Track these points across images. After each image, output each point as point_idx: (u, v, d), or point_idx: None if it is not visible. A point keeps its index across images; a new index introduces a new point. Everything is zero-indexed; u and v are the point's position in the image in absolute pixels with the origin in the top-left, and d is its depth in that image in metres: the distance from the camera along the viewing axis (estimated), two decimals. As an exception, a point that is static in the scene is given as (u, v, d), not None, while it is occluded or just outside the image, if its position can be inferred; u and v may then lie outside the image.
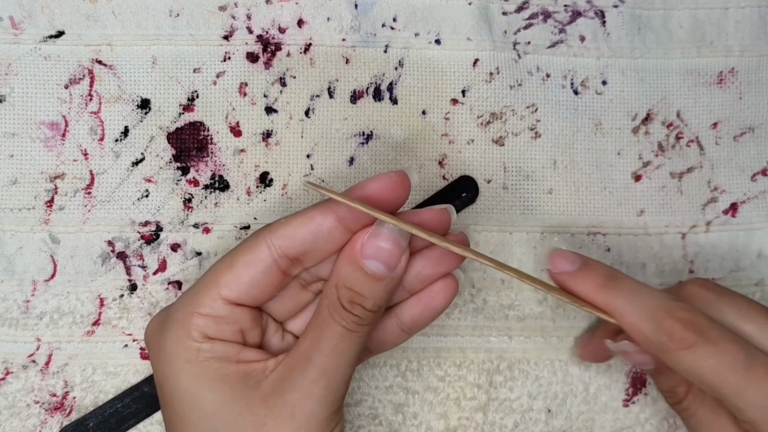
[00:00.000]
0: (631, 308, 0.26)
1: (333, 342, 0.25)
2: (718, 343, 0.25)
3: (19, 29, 0.33)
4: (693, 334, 0.25)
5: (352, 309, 0.25)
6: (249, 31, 0.33)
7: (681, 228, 0.34)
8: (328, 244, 0.26)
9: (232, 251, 0.26)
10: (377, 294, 0.25)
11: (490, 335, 0.33)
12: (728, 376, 0.24)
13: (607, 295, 0.27)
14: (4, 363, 0.32)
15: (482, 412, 0.33)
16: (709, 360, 0.25)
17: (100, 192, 0.33)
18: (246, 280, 0.25)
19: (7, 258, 0.32)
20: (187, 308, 0.25)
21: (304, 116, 0.33)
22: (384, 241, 0.25)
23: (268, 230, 0.25)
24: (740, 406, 0.25)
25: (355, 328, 0.25)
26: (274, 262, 0.25)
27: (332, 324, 0.25)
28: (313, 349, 0.25)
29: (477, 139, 0.34)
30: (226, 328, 0.25)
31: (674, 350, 0.25)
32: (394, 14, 0.34)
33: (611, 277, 0.27)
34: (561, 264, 0.28)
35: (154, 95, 0.33)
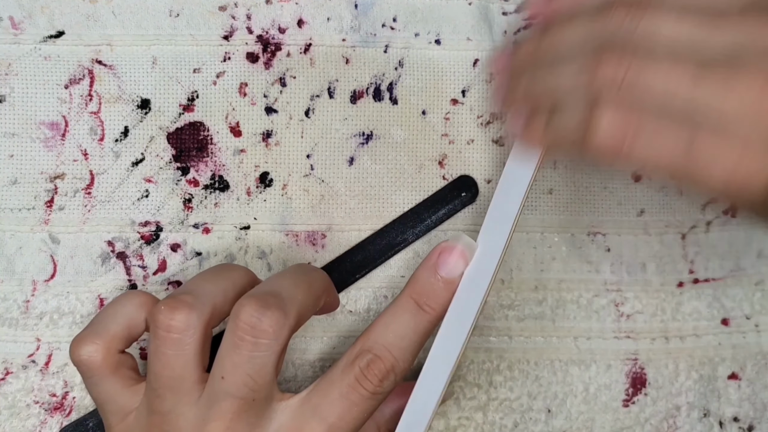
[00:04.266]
0: (560, 142, 0.25)
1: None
2: (654, 131, 0.22)
3: (19, 29, 0.33)
4: (626, 131, 0.23)
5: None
6: (249, 31, 0.33)
7: (681, 228, 0.34)
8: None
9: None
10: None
11: (490, 335, 0.33)
12: (672, 164, 0.23)
13: (546, 141, 0.26)
14: (4, 363, 0.32)
15: (482, 412, 0.33)
16: (650, 154, 0.22)
17: (100, 192, 0.33)
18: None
19: (7, 258, 0.32)
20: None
21: (304, 116, 0.33)
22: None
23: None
24: (693, 189, 0.23)
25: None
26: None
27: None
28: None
29: (477, 139, 0.34)
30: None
31: (609, 158, 0.23)
32: (394, 14, 0.34)
33: (546, 126, 0.26)
34: (513, 122, 0.28)
35: (154, 95, 0.33)
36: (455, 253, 0.27)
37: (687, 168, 0.23)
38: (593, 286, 0.33)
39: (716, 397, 0.33)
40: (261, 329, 0.25)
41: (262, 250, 0.33)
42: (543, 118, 0.26)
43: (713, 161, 0.22)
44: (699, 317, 0.33)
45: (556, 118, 0.25)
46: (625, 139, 0.23)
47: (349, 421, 0.25)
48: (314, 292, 0.27)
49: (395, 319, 0.26)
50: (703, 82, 0.22)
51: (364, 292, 0.33)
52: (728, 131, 0.22)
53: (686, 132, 0.22)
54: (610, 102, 0.23)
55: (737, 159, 0.22)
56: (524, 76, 0.27)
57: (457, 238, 0.27)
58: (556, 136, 0.26)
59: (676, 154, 0.22)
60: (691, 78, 0.22)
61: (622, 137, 0.23)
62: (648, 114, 0.23)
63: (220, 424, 0.25)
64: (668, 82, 0.23)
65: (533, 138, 0.27)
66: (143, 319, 0.27)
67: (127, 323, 0.27)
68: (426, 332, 0.27)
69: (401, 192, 0.33)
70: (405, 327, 0.26)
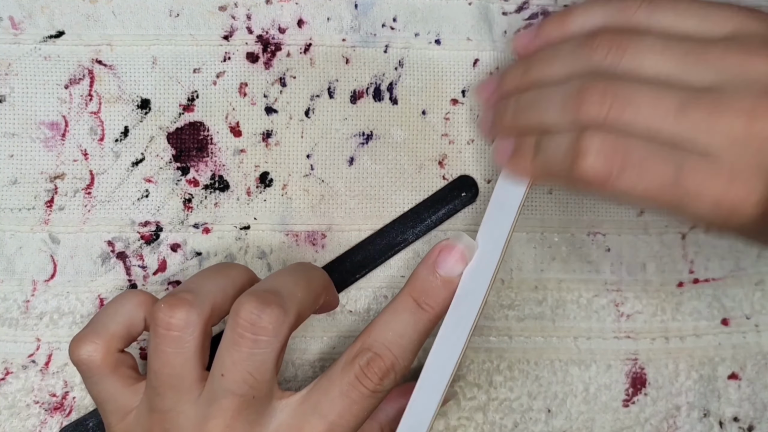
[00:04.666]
0: (551, 174, 0.26)
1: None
2: (641, 164, 0.23)
3: (19, 29, 0.33)
4: (613, 164, 0.23)
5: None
6: (249, 31, 0.33)
7: (681, 228, 0.34)
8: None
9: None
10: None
11: (490, 335, 0.33)
12: (662, 195, 0.23)
13: (540, 176, 0.27)
14: (4, 363, 0.32)
15: (482, 412, 0.33)
16: (638, 186, 0.23)
17: (100, 192, 0.33)
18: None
19: (7, 258, 0.32)
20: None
21: (304, 116, 0.33)
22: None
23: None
24: (682, 216, 0.24)
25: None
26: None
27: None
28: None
29: (477, 139, 0.34)
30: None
31: (597, 186, 0.24)
32: (394, 14, 0.34)
33: (536, 157, 0.26)
34: (499, 153, 0.28)
35: (154, 95, 0.33)
36: (455, 252, 0.27)
37: (675, 196, 0.23)
38: (593, 286, 0.33)
39: (716, 397, 0.33)
40: (261, 326, 0.25)
41: (262, 250, 0.33)
42: (530, 149, 0.26)
43: (701, 190, 0.23)
44: (699, 317, 0.33)
45: (543, 149, 0.26)
46: (613, 169, 0.23)
47: (350, 419, 0.25)
48: (314, 290, 0.27)
49: (395, 317, 0.26)
50: (688, 116, 0.23)
51: (364, 292, 0.33)
52: (715, 160, 0.23)
53: (673, 162, 0.23)
54: (596, 134, 0.24)
55: (725, 186, 0.23)
56: (509, 106, 0.28)
57: (458, 238, 0.27)
58: (543, 167, 0.26)
59: (664, 183, 0.23)
60: (674, 113, 0.23)
61: (609, 167, 0.23)
62: (634, 146, 0.23)
63: (220, 421, 0.25)
64: (652, 118, 0.23)
65: (520, 168, 0.27)
66: (142, 318, 0.27)
67: (126, 322, 0.27)
68: (425, 331, 0.27)
69: (401, 192, 0.33)
70: (405, 325, 0.26)
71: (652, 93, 0.24)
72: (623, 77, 0.24)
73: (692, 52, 0.24)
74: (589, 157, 0.23)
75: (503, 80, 0.29)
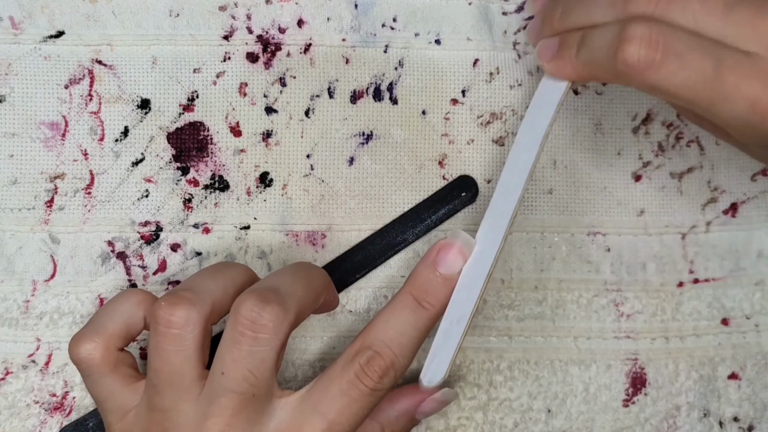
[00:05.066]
0: (593, 64, 0.26)
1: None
2: (683, 56, 0.23)
3: (19, 29, 0.33)
4: (655, 52, 0.23)
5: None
6: (249, 31, 0.33)
7: (681, 228, 0.34)
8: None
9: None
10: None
11: (490, 335, 0.33)
12: (697, 90, 0.23)
13: (582, 71, 0.26)
14: (4, 363, 0.32)
15: (482, 412, 0.33)
16: (676, 78, 0.23)
17: (100, 192, 0.33)
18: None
19: (7, 258, 0.32)
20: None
21: (304, 116, 0.33)
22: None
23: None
24: (715, 116, 0.24)
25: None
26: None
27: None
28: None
29: (477, 139, 0.34)
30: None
31: (639, 75, 0.24)
32: (394, 14, 0.34)
33: (578, 51, 0.26)
34: (543, 52, 0.28)
35: (154, 95, 0.33)
36: (454, 249, 0.27)
37: (711, 92, 0.23)
38: (593, 286, 0.33)
39: (716, 397, 0.33)
40: (261, 324, 0.25)
41: (262, 250, 0.33)
42: (574, 44, 0.26)
43: (738, 88, 0.23)
44: (699, 317, 0.33)
45: (587, 42, 0.26)
46: (654, 57, 0.23)
47: (349, 417, 0.25)
48: (314, 289, 0.27)
49: (395, 315, 0.26)
50: (734, 14, 0.23)
51: (364, 292, 0.33)
52: (757, 61, 0.23)
53: (714, 56, 0.23)
54: (641, 23, 0.24)
55: (763, 88, 0.23)
56: (557, 8, 0.28)
57: (456, 235, 0.27)
58: (586, 59, 0.26)
59: (703, 77, 0.23)
60: (722, 9, 0.23)
61: (651, 55, 0.23)
62: (678, 37, 0.24)
63: (219, 420, 0.25)
64: (699, 13, 0.24)
65: (565, 59, 0.27)
66: (142, 316, 0.27)
67: (125, 321, 0.27)
68: (425, 328, 0.27)
69: (401, 192, 0.33)
70: (404, 323, 0.26)
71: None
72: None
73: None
74: (633, 45, 0.24)
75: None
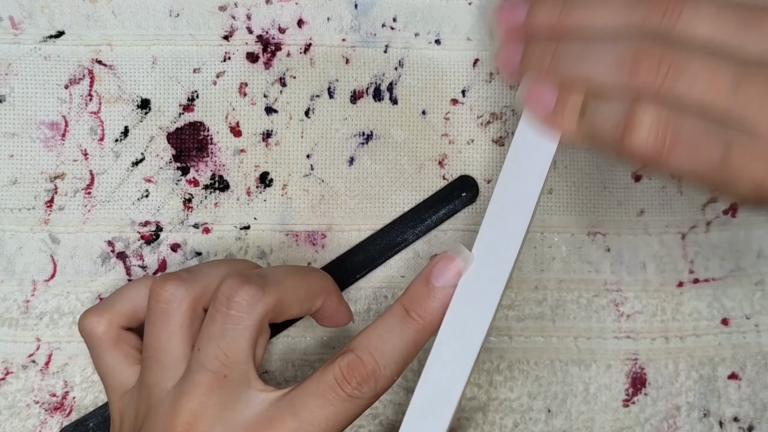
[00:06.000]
0: (597, 139, 0.25)
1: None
2: (691, 143, 0.23)
3: (19, 29, 0.33)
4: (661, 141, 0.23)
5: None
6: (249, 31, 0.33)
7: (681, 228, 0.34)
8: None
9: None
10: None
11: (490, 335, 0.33)
12: (708, 175, 0.23)
13: (585, 139, 0.25)
14: (4, 363, 0.32)
15: (482, 412, 0.33)
16: (685, 166, 0.23)
17: (100, 192, 0.33)
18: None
19: (7, 258, 0.32)
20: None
21: (304, 116, 0.33)
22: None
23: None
24: (723, 195, 0.24)
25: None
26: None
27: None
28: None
29: (477, 139, 0.34)
30: None
31: (644, 160, 0.23)
32: (394, 14, 0.34)
33: (583, 120, 0.25)
34: (536, 102, 0.26)
35: (154, 95, 0.33)
36: (450, 264, 0.26)
37: (719, 177, 0.23)
38: (593, 286, 0.33)
39: (716, 397, 0.33)
40: (234, 300, 0.25)
41: (262, 250, 0.33)
42: (575, 109, 0.25)
43: (744, 171, 0.23)
44: (699, 317, 0.33)
45: (591, 113, 0.25)
46: (663, 146, 0.23)
47: (321, 421, 0.25)
48: (307, 286, 0.27)
49: (382, 323, 0.26)
50: (741, 92, 0.23)
51: (364, 292, 0.33)
52: (759, 146, 0.22)
53: (722, 142, 0.23)
54: (649, 107, 0.23)
55: (765, 172, 0.22)
56: (548, 51, 0.26)
57: (456, 250, 0.26)
58: (589, 132, 0.25)
59: (711, 164, 0.23)
60: (729, 88, 0.23)
61: (660, 144, 0.23)
62: (685, 123, 0.23)
63: (192, 398, 0.25)
64: (706, 92, 0.23)
65: (565, 124, 0.26)
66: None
67: (132, 302, 0.28)
68: (412, 341, 0.26)
69: (401, 192, 0.33)
70: (389, 331, 0.26)
71: (708, 64, 0.23)
72: (678, 43, 0.23)
73: (747, 18, 0.23)
74: (642, 132, 0.23)
75: (535, 13, 0.27)
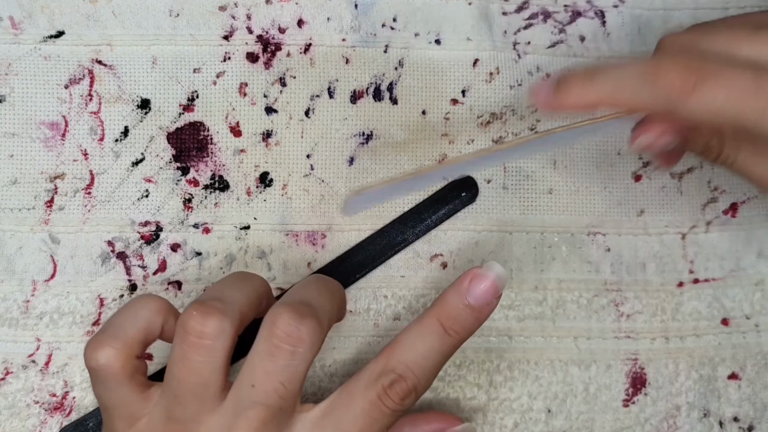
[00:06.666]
0: (622, 89, 0.24)
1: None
2: (720, 73, 0.23)
3: (19, 29, 0.33)
4: (691, 75, 0.23)
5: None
6: (249, 31, 0.33)
7: (681, 228, 0.34)
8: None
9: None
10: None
11: (490, 335, 0.33)
12: (743, 103, 0.23)
13: (596, 95, 0.25)
14: (4, 363, 0.32)
15: (482, 412, 0.33)
16: (719, 95, 0.23)
17: (100, 192, 0.33)
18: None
19: (7, 258, 0.32)
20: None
21: (304, 116, 0.33)
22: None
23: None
24: (765, 128, 0.23)
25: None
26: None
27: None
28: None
29: (477, 139, 0.34)
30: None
31: (682, 102, 0.23)
32: (394, 14, 0.34)
33: (589, 78, 0.25)
34: (541, 93, 0.26)
35: (154, 95, 0.33)
36: (487, 282, 0.26)
37: (757, 102, 0.23)
38: (593, 286, 0.33)
39: (716, 397, 0.33)
40: (299, 338, 0.25)
41: (262, 250, 0.33)
42: (586, 74, 0.25)
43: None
44: (699, 317, 0.33)
45: (614, 71, 0.25)
46: (690, 81, 0.23)
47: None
48: (337, 302, 0.28)
49: (420, 339, 0.26)
50: (760, 38, 0.23)
51: (364, 292, 0.33)
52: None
53: (751, 70, 0.23)
54: (673, 51, 0.24)
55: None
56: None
57: (491, 267, 0.27)
58: (611, 80, 0.24)
59: (745, 89, 0.23)
60: (747, 37, 0.24)
61: (690, 77, 0.23)
62: (711, 60, 0.23)
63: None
64: (726, 46, 0.24)
65: (584, 95, 0.25)
66: (160, 324, 0.27)
67: (145, 328, 0.26)
68: (449, 354, 0.27)
69: (401, 192, 0.33)
70: (430, 349, 0.26)
71: (728, 26, 0.25)
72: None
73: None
74: (671, 71, 0.23)
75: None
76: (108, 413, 0.27)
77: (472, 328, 0.27)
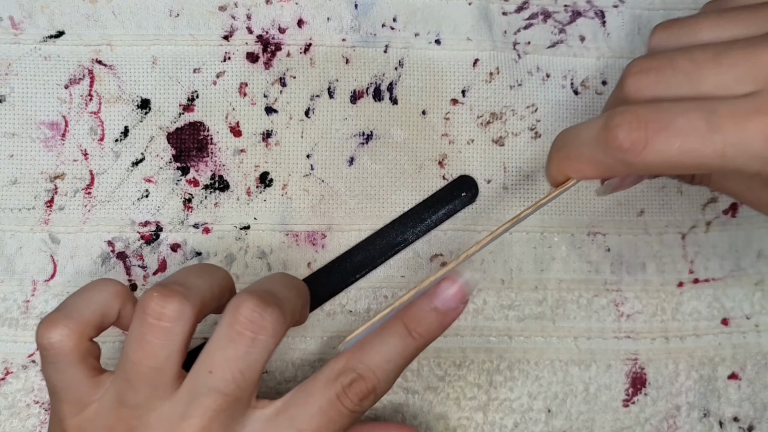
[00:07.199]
0: (581, 159, 0.23)
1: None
2: (671, 123, 0.21)
3: (19, 29, 0.33)
4: (640, 131, 0.22)
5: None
6: (249, 31, 0.33)
7: (681, 228, 0.34)
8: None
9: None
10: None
11: (490, 335, 0.33)
12: (700, 150, 0.21)
13: (564, 173, 0.25)
14: (4, 363, 0.32)
15: (482, 412, 0.33)
16: (672, 146, 0.21)
17: (100, 192, 0.33)
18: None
19: (7, 258, 0.32)
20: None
21: (304, 116, 0.33)
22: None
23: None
24: (732, 169, 0.22)
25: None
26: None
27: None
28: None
29: (477, 139, 0.34)
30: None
31: (637, 160, 0.22)
32: (394, 14, 0.34)
33: (555, 153, 0.25)
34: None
35: (154, 95, 0.33)
36: (454, 286, 0.26)
37: (714, 145, 0.21)
38: (593, 286, 0.33)
39: (716, 397, 0.33)
40: (261, 325, 0.24)
41: (262, 250, 0.33)
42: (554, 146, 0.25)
43: (744, 129, 0.21)
44: (699, 317, 0.33)
45: (571, 136, 0.24)
46: (641, 133, 0.22)
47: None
48: (302, 298, 0.27)
49: (383, 341, 0.26)
50: (723, 63, 0.22)
51: (364, 292, 0.33)
52: (757, 100, 0.21)
53: (703, 111, 0.21)
54: (624, 109, 0.23)
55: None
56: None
57: (460, 272, 0.26)
58: (571, 151, 0.24)
59: (698, 135, 0.21)
60: (711, 62, 0.22)
61: (638, 132, 0.22)
62: (662, 109, 0.22)
63: (196, 421, 0.24)
64: (691, 74, 0.22)
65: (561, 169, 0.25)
66: (117, 309, 0.26)
67: (101, 311, 0.26)
68: (411, 357, 0.27)
69: (401, 192, 0.33)
70: (392, 350, 0.26)
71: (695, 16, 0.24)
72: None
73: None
74: (618, 133, 0.22)
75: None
76: (56, 396, 0.26)
77: (436, 332, 0.26)
